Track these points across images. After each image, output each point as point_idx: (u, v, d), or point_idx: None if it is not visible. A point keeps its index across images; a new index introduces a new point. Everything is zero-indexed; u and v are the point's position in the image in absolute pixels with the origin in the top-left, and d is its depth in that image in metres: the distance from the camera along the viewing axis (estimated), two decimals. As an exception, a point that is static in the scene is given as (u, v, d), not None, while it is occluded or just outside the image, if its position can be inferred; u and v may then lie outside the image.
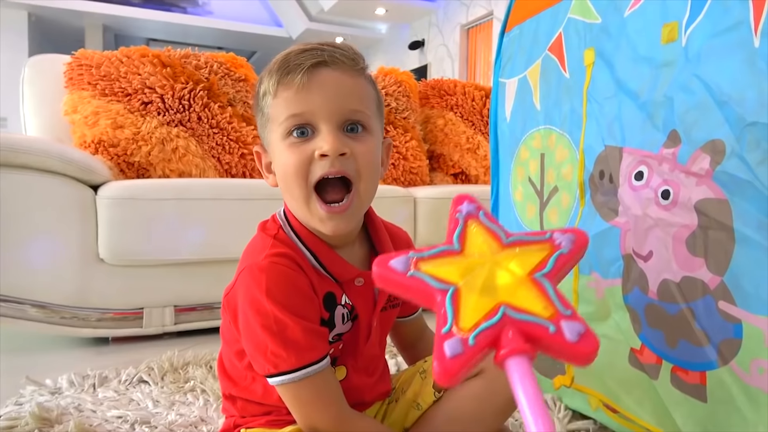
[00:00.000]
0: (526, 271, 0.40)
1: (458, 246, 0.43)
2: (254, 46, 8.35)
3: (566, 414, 0.96)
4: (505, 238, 0.43)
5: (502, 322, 0.36)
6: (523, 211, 1.08)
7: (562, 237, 0.42)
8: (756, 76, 0.64)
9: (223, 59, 1.84)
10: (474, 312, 0.37)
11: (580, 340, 0.36)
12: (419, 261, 0.41)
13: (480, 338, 0.35)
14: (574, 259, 0.42)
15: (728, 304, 0.66)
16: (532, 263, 0.40)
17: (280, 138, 0.64)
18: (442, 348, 0.35)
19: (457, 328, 0.36)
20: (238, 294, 0.65)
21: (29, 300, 1.33)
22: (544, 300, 0.38)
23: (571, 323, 0.36)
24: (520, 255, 0.41)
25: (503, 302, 0.37)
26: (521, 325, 0.36)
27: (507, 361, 0.35)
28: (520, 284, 0.39)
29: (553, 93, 0.99)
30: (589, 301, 0.90)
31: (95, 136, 1.58)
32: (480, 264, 0.40)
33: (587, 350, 0.36)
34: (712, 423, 0.69)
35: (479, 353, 0.35)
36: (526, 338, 0.36)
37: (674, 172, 0.73)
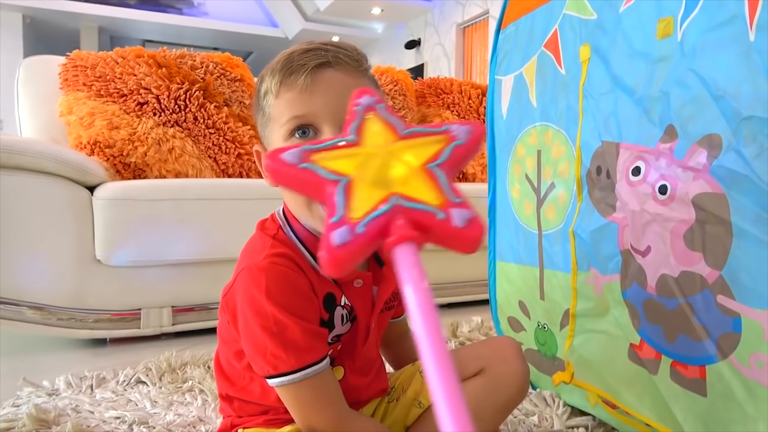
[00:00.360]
0: (420, 162, 0.39)
1: (354, 137, 0.42)
2: (250, 46, 8.34)
3: (565, 410, 0.96)
4: (402, 129, 0.42)
5: (392, 210, 0.35)
6: (521, 208, 1.08)
7: (459, 129, 0.42)
8: (752, 70, 0.64)
9: (218, 59, 1.83)
10: (365, 202, 0.36)
11: (467, 226, 0.35)
12: (312, 153, 0.40)
13: (369, 226, 0.34)
14: (470, 150, 0.41)
15: (727, 298, 0.66)
16: (427, 154, 0.40)
17: (282, 139, 0.64)
18: (329, 237, 0.34)
19: (347, 218, 0.35)
20: (237, 294, 0.65)
21: (26, 302, 1.33)
22: (435, 189, 0.37)
23: (459, 210, 0.36)
24: (416, 146, 0.41)
25: (395, 192, 0.37)
26: (411, 213, 0.35)
27: (395, 249, 0.34)
28: (413, 174, 0.38)
29: (549, 89, 0.99)
30: (588, 297, 0.90)
31: (91, 137, 1.57)
32: (374, 155, 0.40)
33: (473, 235, 0.35)
34: (711, 417, 0.68)
35: (368, 241, 0.34)
36: (416, 226, 0.35)
37: (671, 167, 0.73)
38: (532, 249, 1.05)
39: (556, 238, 0.98)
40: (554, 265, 0.98)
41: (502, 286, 1.16)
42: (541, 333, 1.04)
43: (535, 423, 0.93)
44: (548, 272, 1.01)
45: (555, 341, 1.00)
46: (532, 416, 0.95)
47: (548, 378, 1.03)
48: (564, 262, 0.95)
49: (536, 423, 0.93)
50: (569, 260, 0.93)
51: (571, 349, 0.94)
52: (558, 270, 0.97)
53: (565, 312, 0.96)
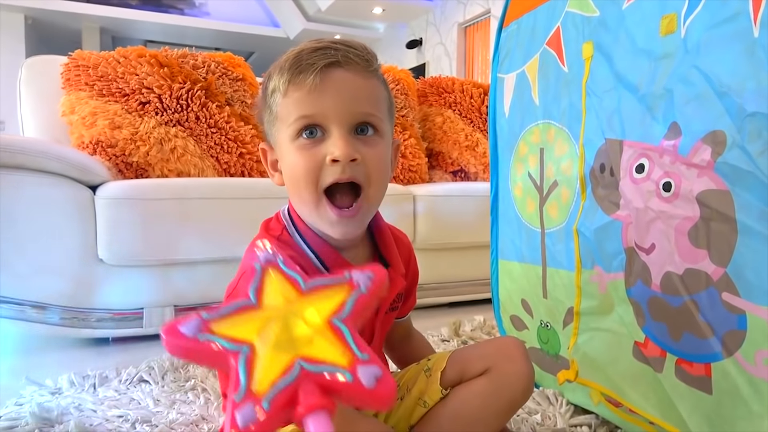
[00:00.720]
0: (323, 318, 0.38)
1: (254, 299, 0.40)
2: (252, 46, 8.34)
3: (568, 409, 0.96)
4: (303, 284, 0.41)
5: (298, 377, 0.34)
6: (523, 206, 1.08)
7: (360, 276, 0.41)
8: (756, 66, 0.63)
9: (220, 59, 1.83)
10: (269, 371, 0.34)
11: (377, 385, 0.34)
12: (211, 322, 0.38)
13: (275, 400, 0.33)
14: (373, 298, 0.41)
15: (732, 295, 0.66)
16: (329, 308, 0.39)
17: (289, 139, 0.63)
18: (233, 418, 0.32)
19: (251, 394, 0.33)
20: (240, 295, 0.65)
21: (29, 301, 1.33)
22: (340, 347, 0.36)
23: (367, 368, 0.35)
24: (318, 300, 0.40)
25: (300, 355, 0.35)
26: (318, 378, 0.34)
27: (305, 419, 0.33)
28: (317, 333, 0.37)
29: (552, 87, 0.99)
30: (592, 296, 0.89)
31: (93, 137, 1.57)
32: (275, 317, 0.38)
33: (384, 394, 0.34)
34: (717, 415, 0.68)
35: (276, 416, 0.33)
36: (324, 391, 0.34)
37: (675, 164, 0.73)
38: (535, 247, 1.04)
39: (558, 236, 0.98)
40: (557, 263, 0.98)
41: (505, 284, 1.16)
42: (543, 331, 1.04)
43: (538, 421, 0.93)
44: (551, 270, 1.00)
45: (558, 339, 1.00)
46: (535, 414, 0.95)
47: (551, 376, 1.02)
48: (567, 260, 0.95)
49: (539, 421, 0.93)
50: (572, 258, 0.93)
51: (576, 347, 0.94)
52: (561, 268, 0.97)
53: (569, 310, 0.95)
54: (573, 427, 0.91)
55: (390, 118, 0.69)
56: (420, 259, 0.84)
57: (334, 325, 0.38)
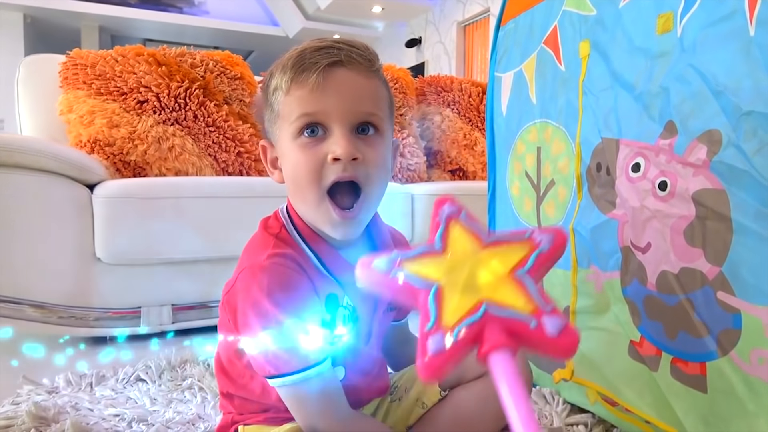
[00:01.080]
0: (507, 269, 0.40)
1: (440, 246, 0.43)
2: (251, 45, 8.34)
3: (565, 408, 0.96)
4: (486, 237, 0.44)
5: (484, 318, 0.36)
6: (521, 205, 1.08)
7: (542, 236, 0.43)
8: (752, 65, 0.63)
9: (218, 57, 1.83)
10: (456, 309, 0.37)
11: (561, 335, 0.36)
12: (402, 261, 0.41)
13: (462, 334, 0.35)
14: (553, 257, 0.42)
15: (727, 294, 0.66)
16: (512, 261, 0.41)
17: (291, 137, 0.63)
18: (425, 344, 0.35)
19: (440, 325, 0.36)
20: (238, 293, 0.65)
21: (27, 300, 1.33)
22: (524, 296, 0.38)
23: (551, 318, 0.36)
24: (501, 253, 0.42)
25: (485, 299, 0.37)
26: (503, 321, 0.36)
27: (490, 356, 0.35)
28: (501, 282, 0.39)
29: (549, 86, 0.99)
30: (589, 294, 0.89)
31: (91, 136, 1.57)
32: (462, 263, 0.41)
33: (567, 344, 0.36)
34: (712, 413, 0.68)
35: (462, 349, 0.35)
36: (508, 333, 0.36)
37: (671, 163, 0.73)
38: (532, 246, 1.04)
39: (556, 235, 0.98)
40: (554, 263, 0.98)
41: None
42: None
43: (535, 420, 0.93)
44: (548, 269, 1.00)
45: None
46: (532, 413, 0.95)
47: (548, 375, 1.02)
48: (564, 259, 0.95)
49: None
50: (569, 257, 0.93)
51: (571, 346, 0.94)
52: (558, 267, 0.97)
53: (565, 309, 0.95)
54: (569, 426, 0.91)
55: (390, 118, 0.69)
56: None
57: (517, 276, 0.40)
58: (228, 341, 0.71)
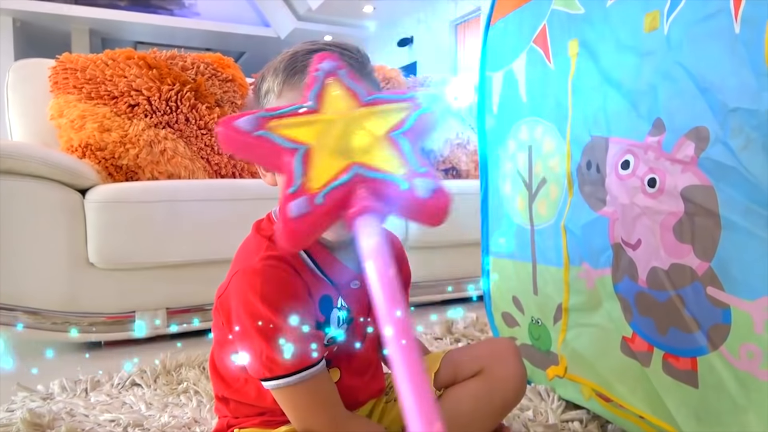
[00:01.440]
0: (383, 130, 0.38)
1: (314, 104, 0.40)
2: (242, 46, 8.32)
3: (560, 404, 0.96)
4: (364, 96, 0.41)
5: (353, 180, 0.34)
6: (513, 204, 1.09)
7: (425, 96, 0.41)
8: (737, 63, 0.64)
9: (209, 60, 1.83)
10: (325, 171, 0.35)
11: (432, 196, 0.34)
12: (269, 120, 0.38)
13: (329, 196, 0.33)
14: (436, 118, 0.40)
15: (716, 289, 0.66)
16: (390, 122, 0.39)
17: None
18: (286, 208, 0.33)
19: (305, 188, 0.34)
20: (231, 296, 0.65)
21: (20, 306, 1.32)
22: (399, 158, 0.36)
23: (423, 180, 0.35)
24: (379, 113, 0.39)
25: (356, 161, 0.36)
26: (373, 183, 0.35)
27: (356, 220, 0.33)
28: (376, 143, 0.37)
29: (539, 85, 1.00)
30: (580, 292, 0.90)
31: (82, 140, 1.57)
32: (335, 123, 0.38)
33: (438, 205, 0.34)
34: (703, 408, 0.69)
35: (328, 212, 0.33)
36: (378, 196, 0.34)
37: (660, 160, 0.73)
38: (525, 244, 1.05)
39: (548, 233, 0.98)
40: (547, 260, 0.99)
41: (496, 281, 1.16)
42: (534, 328, 1.05)
43: (530, 417, 0.93)
44: (541, 267, 1.01)
45: (549, 336, 1.00)
46: (527, 411, 0.95)
47: (542, 372, 1.03)
48: (556, 256, 0.96)
49: (531, 417, 0.93)
50: (561, 255, 0.94)
51: (565, 343, 0.94)
52: (551, 265, 0.98)
53: (558, 306, 0.96)
54: (564, 423, 0.92)
55: None
56: (411, 257, 0.84)
57: (393, 138, 0.38)
58: (222, 345, 0.71)
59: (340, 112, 0.39)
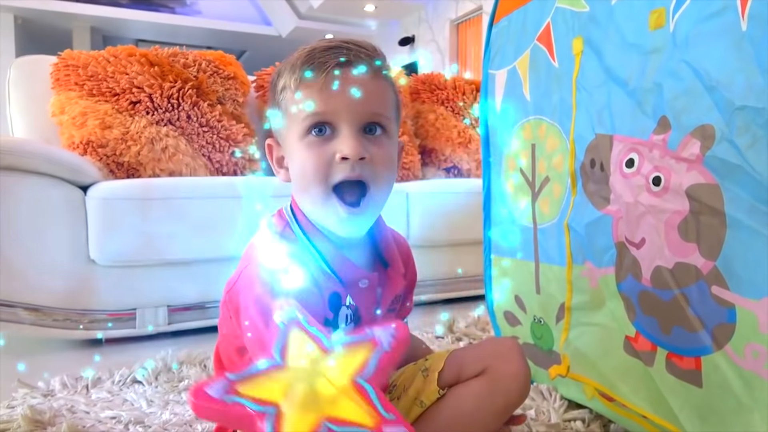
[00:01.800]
0: (347, 377, 0.39)
1: (280, 360, 0.42)
2: (244, 45, 8.31)
3: (562, 404, 0.96)
4: (327, 343, 0.42)
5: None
6: (516, 202, 1.08)
7: (383, 333, 0.42)
8: (744, 60, 0.63)
9: (211, 57, 1.83)
10: None
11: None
12: (237, 383, 0.39)
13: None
14: (396, 356, 0.41)
15: (721, 288, 0.66)
16: (353, 366, 0.40)
17: (299, 136, 0.63)
18: None
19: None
20: (240, 291, 0.64)
21: (21, 303, 1.32)
22: (366, 406, 0.37)
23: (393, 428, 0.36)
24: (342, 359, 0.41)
25: (325, 416, 0.36)
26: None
27: None
28: (342, 393, 0.38)
29: (543, 83, 0.99)
30: (583, 291, 0.90)
31: (83, 137, 1.56)
32: (301, 376, 0.40)
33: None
34: (707, 408, 0.69)
35: None
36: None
37: (665, 159, 0.73)
38: (528, 243, 1.05)
39: (551, 232, 0.98)
40: (549, 259, 0.98)
41: (498, 280, 1.16)
42: (537, 327, 1.04)
43: (533, 417, 0.93)
44: (544, 266, 1.00)
45: (551, 335, 1.00)
46: (530, 410, 0.95)
47: (545, 372, 1.03)
48: (559, 255, 0.95)
49: (533, 417, 0.93)
50: (564, 254, 0.93)
51: (567, 342, 0.94)
52: (553, 264, 0.97)
53: (561, 305, 0.96)
54: (567, 422, 0.91)
55: (397, 119, 0.69)
56: (413, 256, 0.84)
57: (358, 384, 0.39)
58: (229, 339, 0.71)
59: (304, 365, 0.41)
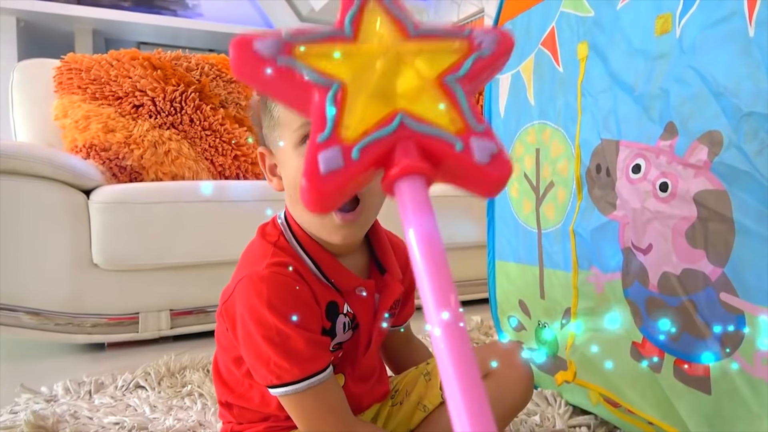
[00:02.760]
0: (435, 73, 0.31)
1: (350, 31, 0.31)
2: (245, 47, 8.32)
3: (567, 410, 0.95)
4: (413, 28, 0.33)
5: (397, 133, 0.28)
6: (519, 207, 1.08)
7: (484, 36, 0.32)
8: (752, 66, 0.63)
9: (214, 61, 1.83)
10: (363, 118, 0.28)
11: (491, 162, 0.28)
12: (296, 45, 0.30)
13: (366, 151, 0.27)
14: (496, 65, 0.33)
15: (730, 295, 0.65)
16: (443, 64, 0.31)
17: (293, 145, 0.62)
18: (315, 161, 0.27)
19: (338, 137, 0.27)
20: (237, 303, 0.64)
21: (23, 307, 1.32)
22: (453, 110, 0.29)
23: (482, 141, 0.28)
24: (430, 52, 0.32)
25: (401, 109, 0.29)
26: (421, 139, 0.28)
27: (398, 182, 0.28)
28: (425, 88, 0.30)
29: (547, 87, 0.99)
30: (590, 296, 0.89)
31: (86, 141, 1.56)
32: (376, 57, 0.31)
33: (497, 174, 0.28)
34: (716, 415, 0.68)
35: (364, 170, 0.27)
36: (426, 156, 0.28)
37: (672, 164, 0.73)
38: (532, 248, 1.04)
39: (555, 237, 0.97)
40: (554, 264, 0.98)
41: (502, 285, 1.16)
42: (541, 332, 1.04)
43: (537, 422, 0.93)
44: (548, 271, 1.00)
45: (556, 340, 1.00)
46: (534, 416, 0.94)
47: (549, 377, 1.02)
48: (564, 260, 0.95)
49: (538, 422, 0.93)
50: (569, 259, 0.93)
51: (573, 348, 0.94)
52: (558, 269, 0.97)
53: (566, 311, 0.95)
54: (572, 428, 0.91)
55: None
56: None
57: (447, 84, 0.31)
58: (226, 350, 0.71)
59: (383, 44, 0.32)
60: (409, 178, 0.27)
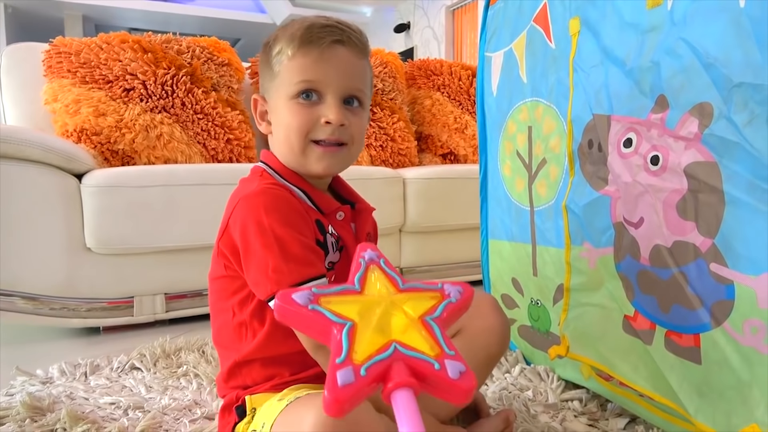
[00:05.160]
0: (418, 314, 0.44)
1: (358, 287, 0.47)
2: (238, 33, 8.24)
3: (559, 384, 0.96)
4: (401, 284, 0.47)
5: (392, 357, 0.39)
6: (512, 185, 1.08)
7: (452, 288, 0.47)
8: (742, 37, 0.63)
9: (205, 44, 1.81)
10: (367, 346, 0.40)
11: (461, 378, 0.39)
12: (320, 297, 0.44)
13: (371, 370, 0.38)
14: (461, 308, 0.46)
15: (720, 266, 0.66)
16: (423, 307, 0.44)
17: (287, 97, 0.71)
18: (334, 377, 0.37)
19: (351, 360, 0.38)
20: (237, 222, 0.69)
21: (17, 292, 1.31)
22: (431, 341, 0.41)
23: (453, 362, 0.39)
24: (414, 299, 0.45)
25: (395, 340, 0.41)
26: (409, 361, 0.39)
27: (394, 393, 0.37)
28: (411, 325, 0.42)
29: (540, 64, 0.99)
30: (582, 272, 0.90)
31: (77, 125, 1.55)
32: (376, 304, 0.44)
33: (466, 386, 0.38)
34: (706, 384, 0.69)
35: (369, 384, 0.37)
36: (413, 373, 0.39)
37: (663, 137, 0.73)
38: (524, 226, 1.05)
39: (548, 214, 0.98)
40: (546, 241, 0.98)
41: (495, 264, 1.16)
42: (534, 309, 1.04)
43: (530, 397, 0.94)
44: (540, 248, 1.00)
45: (548, 316, 1.00)
46: (527, 391, 0.95)
47: (542, 353, 1.03)
48: (556, 237, 0.95)
49: (531, 397, 0.94)
50: (562, 236, 0.93)
51: (566, 322, 0.94)
52: (550, 246, 0.97)
53: (558, 287, 0.96)
54: (564, 402, 0.92)
55: (370, 97, 0.80)
56: (410, 242, 0.86)
57: (426, 321, 0.43)
58: (221, 299, 0.75)
59: (381, 295, 0.46)
60: (401, 390, 0.37)
